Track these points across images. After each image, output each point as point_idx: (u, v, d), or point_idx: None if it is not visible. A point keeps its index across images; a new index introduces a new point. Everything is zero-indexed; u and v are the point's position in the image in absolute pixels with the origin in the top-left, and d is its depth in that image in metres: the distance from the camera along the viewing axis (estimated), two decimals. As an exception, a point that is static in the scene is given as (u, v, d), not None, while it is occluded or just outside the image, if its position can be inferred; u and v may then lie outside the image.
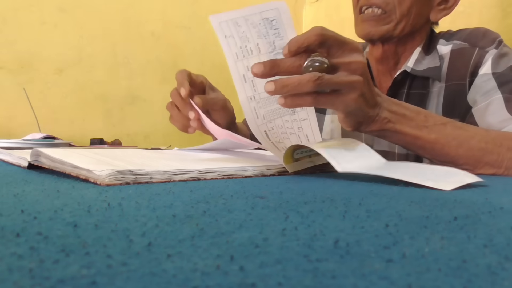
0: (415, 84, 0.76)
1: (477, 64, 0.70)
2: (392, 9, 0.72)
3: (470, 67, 0.70)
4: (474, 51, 0.71)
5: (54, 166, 0.41)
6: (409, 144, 0.53)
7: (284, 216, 0.22)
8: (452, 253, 0.16)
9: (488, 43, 0.70)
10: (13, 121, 1.36)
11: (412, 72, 0.74)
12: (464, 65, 0.71)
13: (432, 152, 0.53)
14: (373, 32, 0.74)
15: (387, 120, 0.50)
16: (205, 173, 0.40)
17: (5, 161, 0.55)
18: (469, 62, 0.70)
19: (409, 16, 0.72)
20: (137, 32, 1.57)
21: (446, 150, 0.52)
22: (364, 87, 0.45)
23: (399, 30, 0.73)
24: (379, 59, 0.80)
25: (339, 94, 0.44)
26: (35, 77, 1.40)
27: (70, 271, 0.13)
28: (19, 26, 1.37)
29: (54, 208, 0.23)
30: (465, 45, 0.72)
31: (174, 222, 0.20)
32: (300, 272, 0.14)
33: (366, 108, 0.47)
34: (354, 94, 0.44)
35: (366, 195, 0.31)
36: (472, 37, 0.73)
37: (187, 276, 0.13)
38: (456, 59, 0.73)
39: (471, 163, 0.52)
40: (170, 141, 1.15)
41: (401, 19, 0.72)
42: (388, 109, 0.50)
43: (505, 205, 0.28)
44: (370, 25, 0.74)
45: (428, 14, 0.75)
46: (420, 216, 0.23)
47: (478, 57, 0.70)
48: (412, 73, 0.74)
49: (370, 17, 0.73)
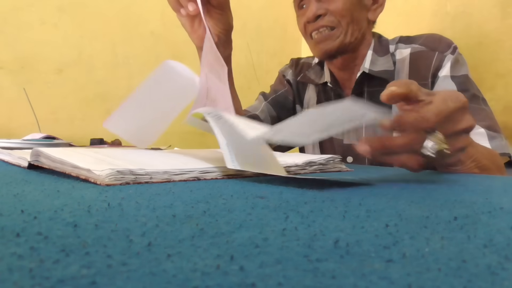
0: (375, 83, 0.84)
1: (438, 67, 0.79)
2: (337, 23, 0.80)
3: (431, 68, 0.80)
4: (434, 54, 0.80)
5: (54, 166, 0.41)
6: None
7: (284, 216, 0.22)
8: (452, 253, 0.16)
9: (445, 48, 0.80)
10: (13, 121, 1.36)
11: (370, 72, 0.83)
12: (426, 67, 0.80)
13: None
14: (330, 49, 0.82)
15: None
16: (205, 173, 0.40)
17: (5, 161, 0.55)
18: (431, 65, 0.80)
19: (353, 22, 0.81)
20: (137, 32, 1.57)
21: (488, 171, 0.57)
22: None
23: (349, 37, 0.81)
24: (341, 68, 0.89)
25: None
26: (35, 77, 1.40)
27: (70, 271, 0.13)
28: (19, 26, 1.37)
29: (54, 208, 0.23)
30: (423, 48, 0.82)
31: (174, 222, 0.20)
32: (300, 272, 0.14)
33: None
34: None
35: (366, 195, 0.31)
36: (429, 42, 0.82)
37: (187, 276, 0.13)
38: (417, 61, 0.82)
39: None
40: (170, 141, 1.15)
41: (347, 27, 0.81)
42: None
43: (505, 205, 0.28)
44: (325, 44, 0.82)
45: (366, 16, 0.84)
46: (420, 216, 0.23)
47: (438, 60, 0.80)
48: (370, 73, 0.83)
49: (322, 38, 0.82)
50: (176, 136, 1.68)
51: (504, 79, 1.11)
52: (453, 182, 0.42)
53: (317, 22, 0.81)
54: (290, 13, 0.94)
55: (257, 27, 1.86)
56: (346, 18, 0.80)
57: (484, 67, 1.14)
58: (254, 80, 1.85)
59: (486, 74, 1.14)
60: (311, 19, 0.81)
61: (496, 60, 1.09)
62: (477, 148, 0.56)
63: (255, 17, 1.84)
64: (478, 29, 1.17)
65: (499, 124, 0.73)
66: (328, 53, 0.83)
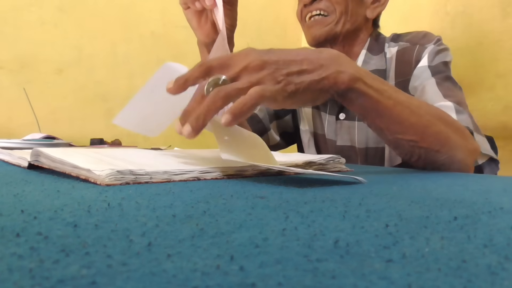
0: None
1: (418, 59, 0.78)
2: (332, 10, 0.81)
3: (413, 62, 0.79)
4: (415, 48, 0.80)
5: (54, 166, 0.41)
6: (369, 110, 0.50)
7: (284, 216, 0.22)
8: (452, 253, 0.16)
9: (427, 41, 0.79)
10: (13, 121, 1.36)
11: None
12: (408, 62, 0.80)
13: (389, 120, 0.50)
14: (319, 34, 0.82)
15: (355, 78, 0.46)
16: (205, 173, 0.40)
17: (5, 161, 0.55)
18: (412, 58, 0.79)
19: (347, 13, 0.81)
20: (137, 32, 1.57)
21: (402, 117, 0.50)
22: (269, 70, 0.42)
23: (340, 27, 0.81)
24: None
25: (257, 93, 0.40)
26: (35, 77, 1.40)
27: (70, 271, 0.13)
28: (19, 26, 1.37)
29: (54, 208, 0.24)
30: (407, 44, 0.81)
31: (174, 222, 0.20)
32: (300, 272, 0.14)
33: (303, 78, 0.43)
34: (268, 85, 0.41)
35: (366, 195, 0.31)
36: (414, 38, 0.82)
37: (187, 276, 0.13)
38: (401, 58, 0.81)
39: (418, 135, 0.52)
40: (170, 141, 1.15)
41: (340, 17, 0.81)
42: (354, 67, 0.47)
43: (505, 205, 0.28)
44: (315, 29, 0.82)
45: (364, 12, 0.84)
46: (420, 216, 0.23)
47: (418, 52, 0.79)
48: None
49: (314, 23, 0.82)
50: (176, 136, 1.68)
51: (504, 79, 1.11)
52: (453, 182, 0.42)
53: (313, 5, 0.81)
54: (290, 13, 0.95)
55: (257, 27, 1.86)
56: (341, 7, 0.80)
57: (484, 67, 1.14)
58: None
59: (486, 74, 1.14)
60: (308, 2, 0.82)
61: (496, 60, 1.09)
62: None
63: (255, 17, 1.84)
64: (478, 29, 1.17)
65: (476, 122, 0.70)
66: (317, 39, 0.82)
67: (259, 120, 0.95)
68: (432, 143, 0.53)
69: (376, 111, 0.50)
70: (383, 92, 0.49)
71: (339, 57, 0.47)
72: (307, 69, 0.43)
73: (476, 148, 0.61)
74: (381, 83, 0.50)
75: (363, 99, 0.48)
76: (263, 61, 0.42)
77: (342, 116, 0.85)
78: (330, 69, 0.45)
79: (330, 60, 0.45)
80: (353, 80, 0.46)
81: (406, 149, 0.54)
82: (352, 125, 0.84)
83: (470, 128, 0.65)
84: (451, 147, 0.55)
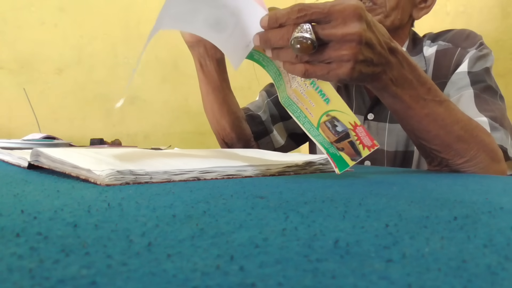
0: None
1: (458, 63, 0.75)
2: (382, 2, 0.76)
3: (452, 65, 0.76)
4: (457, 50, 0.76)
5: (54, 166, 0.41)
6: (399, 111, 0.52)
7: (284, 216, 0.22)
8: (452, 253, 0.16)
9: (470, 44, 0.76)
10: (13, 121, 1.36)
11: None
12: (447, 64, 0.76)
13: (416, 126, 0.52)
14: None
15: (391, 82, 0.48)
16: (205, 173, 0.40)
17: (5, 161, 0.55)
18: (452, 61, 0.76)
19: (397, 10, 0.77)
20: (137, 32, 1.57)
21: (429, 127, 0.52)
22: (359, 56, 0.42)
23: (389, 23, 0.77)
24: None
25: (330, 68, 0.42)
26: (35, 77, 1.40)
27: (70, 271, 0.13)
28: (19, 26, 1.37)
29: (54, 208, 0.24)
30: (449, 45, 0.78)
31: (174, 222, 0.20)
32: (300, 272, 0.13)
33: (368, 69, 0.45)
34: (346, 68, 0.42)
35: (366, 195, 0.31)
36: (456, 38, 0.78)
37: (187, 276, 0.13)
38: (441, 59, 0.78)
39: (442, 146, 0.53)
40: (170, 141, 1.15)
41: (391, 12, 0.77)
42: (397, 69, 0.48)
43: (505, 205, 0.28)
44: None
45: (411, 11, 0.80)
46: (420, 216, 0.23)
47: (460, 56, 0.75)
48: None
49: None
50: (176, 136, 1.68)
51: (504, 79, 1.11)
52: (453, 182, 0.42)
53: None
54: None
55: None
56: (392, 1, 0.76)
57: (484, 67, 1.14)
58: (254, 80, 1.85)
59: (486, 74, 1.14)
60: None
61: (496, 60, 1.09)
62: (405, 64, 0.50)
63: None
64: (478, 29, 1.17)
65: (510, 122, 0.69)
66: None
67: (261, 121, 0.92)
68: (455, 157, 0.53)
69: (404, 114, 0.52)
70: (419, 100, 0.50)
71: (404, 60, 0.48)
72: (376, 62, 0.45)
73: (503, 171, 0.60)
74: (424, 93, 0.50)
75: (394, 101, 0.50)
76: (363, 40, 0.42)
77: (370, 116, 0.82)
78: (392, 68, 0.47)
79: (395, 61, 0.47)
80: (387, 84, 0.48)
81: (427, 154, 0.56)
82: (382, 126, 0.81)
83: (504, 147, 0.63)
84: (475, 163, 0.54)
